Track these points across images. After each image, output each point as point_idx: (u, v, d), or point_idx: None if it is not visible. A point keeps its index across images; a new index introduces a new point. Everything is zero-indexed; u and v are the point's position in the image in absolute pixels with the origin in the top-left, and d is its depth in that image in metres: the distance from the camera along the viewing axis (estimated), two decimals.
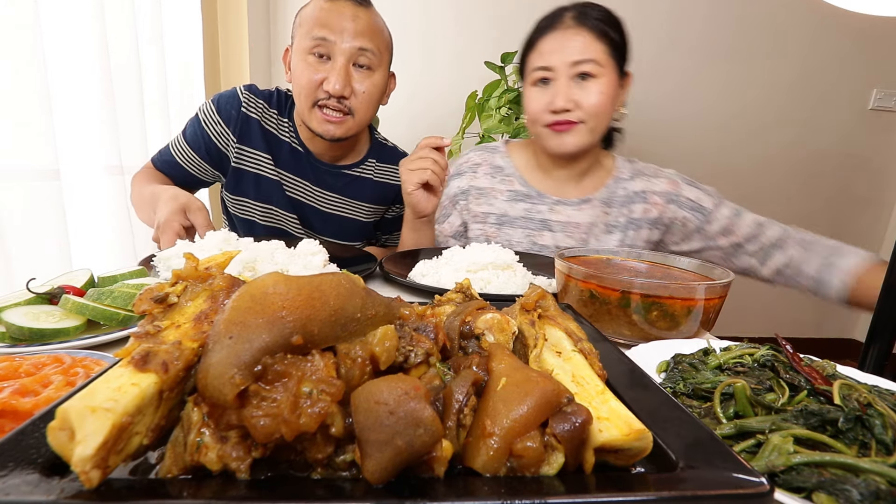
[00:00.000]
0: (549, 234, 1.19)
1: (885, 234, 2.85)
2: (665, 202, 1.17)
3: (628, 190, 1.19)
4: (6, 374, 0.44)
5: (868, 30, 2.50)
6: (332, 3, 1.07)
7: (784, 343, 0.54)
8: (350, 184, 1.28)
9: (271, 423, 0.26)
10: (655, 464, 0.30)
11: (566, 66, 1.05)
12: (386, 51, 1.15)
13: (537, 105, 1.09)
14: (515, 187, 1.22)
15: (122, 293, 0.64)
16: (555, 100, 1.05)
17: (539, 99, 1.09)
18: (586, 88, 1.05)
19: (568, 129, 1.08)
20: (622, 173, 1.22)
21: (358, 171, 1.29)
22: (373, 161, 1.31)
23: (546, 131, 1.10)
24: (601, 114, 1.07)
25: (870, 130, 2.69)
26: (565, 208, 1.19)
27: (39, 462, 0.26)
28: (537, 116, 1.10)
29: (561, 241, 1.19)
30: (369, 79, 1.12)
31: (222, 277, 0.36)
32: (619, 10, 1.05)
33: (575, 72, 1.05)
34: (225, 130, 1.18)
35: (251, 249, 0.82)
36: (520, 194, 1.21)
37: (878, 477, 0.35)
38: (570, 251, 0.81)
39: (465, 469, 0.29)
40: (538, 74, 1.08)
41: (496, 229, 1.21)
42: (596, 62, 1.04)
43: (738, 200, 1.18)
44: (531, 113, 1.11)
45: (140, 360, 0.28)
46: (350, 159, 1.29)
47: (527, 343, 0.40)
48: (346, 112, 1.12)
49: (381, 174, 1.32)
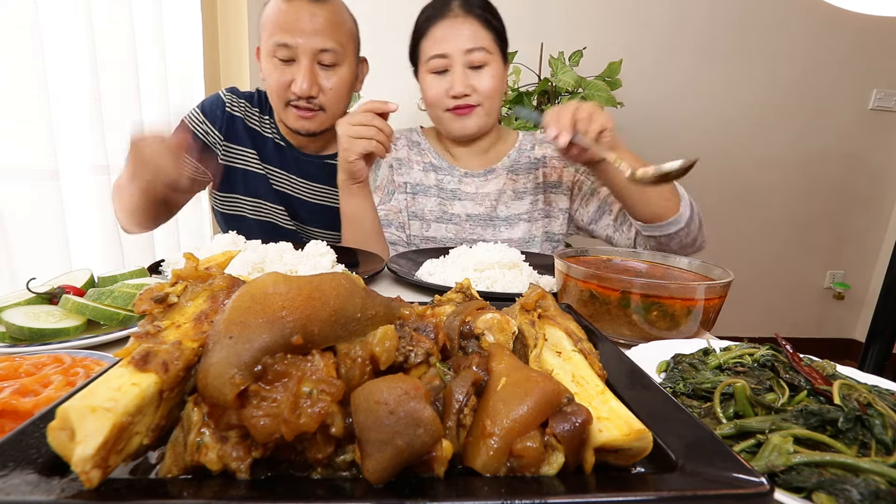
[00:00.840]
0: (458, 203, 1.27)
1: (885, 234, 2.86)
2: (562, 166, 1.26)
3: (531, 158, 1.28)
4: (6, 374, 0.44)
5: (868, 30, 2.50)
6: (289, 4, 1.07)
7: (784, 343, 0.54)
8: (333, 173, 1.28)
9: (271, 423, 0.26)
10: (655, 464, 0.30)
11: (460, 53, 1.12)
12: (350, 41, 1.16)
13: (437, 91, 1.16)
14: (429, 159, 1.31)
15: (122, 293, 0.64)
16: (454, 86, 1.13)
17: (438, 85, 1.16)
18: (480, 74, 1.14)
19: (468, 113, 1.17)
20: (525, 144, 1.31)
21: None
22: None
23: (448, 115, 1.18)
24: (494, 97, 1.17)
25: (870, 130, 2.69)
26: (473, 180, 1.28)
27: (39, 462, 0.26)
28: (438, 101, 1.17)
29: (471, 210, 1.26)
30: (336, 74, 1.14)
31: (222, 277, 0.36)
32: (620, 10, 1.05)
33: (469, 59, 1.12)
34: (212, 130, 1.22)
35: (259, 251, 0.82)
36: (432, 166, 1.30)
37: (877, 477, 0.35)
38: (571, 251, 0.81)
39: (465, 469, 0.29)
40: (435, 63, 1.14)
41: (412, 198, 1.27)
42: (486, 50, 1.12)
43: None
44: (431, 98, 1.18)
45: (140, 360, 0.28)
46: (332, 149, 1.31)
47: (527, 343, 0.40)
48: (316, 109, 1.15)
49: None
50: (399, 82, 2.48)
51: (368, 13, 2.34)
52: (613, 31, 2.39)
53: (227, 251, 0.44)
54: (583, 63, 1.98)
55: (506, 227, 1.25)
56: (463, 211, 1.26)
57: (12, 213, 1.10)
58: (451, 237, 1.25)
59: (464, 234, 1.25)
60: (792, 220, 2.81)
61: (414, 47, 1.21)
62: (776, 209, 2.76)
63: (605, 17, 2.38)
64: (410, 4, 1.20)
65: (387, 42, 2.32)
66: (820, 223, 2.82)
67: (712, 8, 2.44)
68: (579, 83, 1.92)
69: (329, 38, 1.09)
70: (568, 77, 1.90)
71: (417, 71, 1.22)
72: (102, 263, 1.33)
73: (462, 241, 1.24)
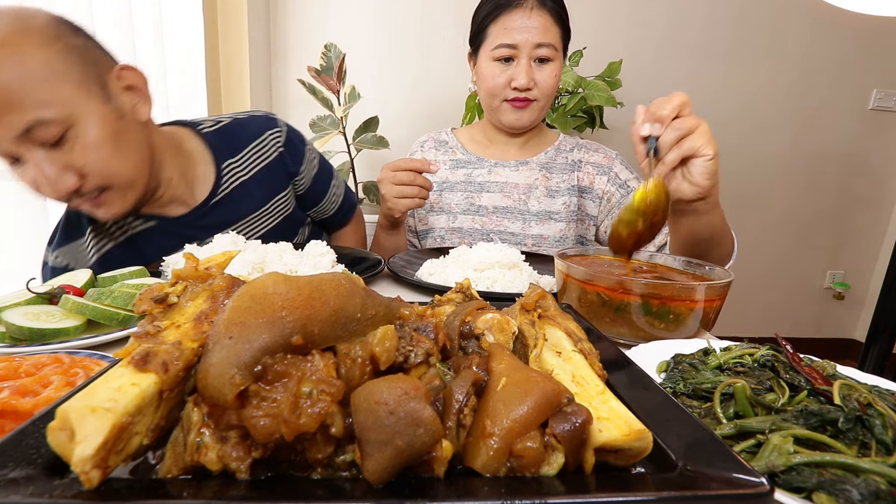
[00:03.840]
0: (486, 195, 1.27)
1: (885, 234, 2.86)
2: (596, 173, 1.25)
3: (568, 159, 1.28)
4: (6, 374, 0.44)
5: (868, 30, 2.50)
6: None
7: (784, 343, 0.54)
8: (221, 207, 1.06)
9: (271, 424, 0.26)
10: (655, 464, 0.30)
11: (530, 46, 1.11)
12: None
13: (500, 80, 1.16)
14: (457, 156, 1.33)
15: (122, 293, 0.64)
16: (518, 77, 1.13)
17: (501, 74, 1.15)
18: (543, 69, 1.15)
19: (525, 107, 1.18)
20: (564, 145, 1.31)
21: (223, 192, 1.07)
22: (231, 163, 1.10)
23: (506, 106, 1.19)
24: (552, 94, 1.19)
25: (870, 130, 2.69)
26: (503, 169, 1.28)
27: (39, 462, 0.26)
28: (497, 90, 1.17)
29: (498, 202, 1.26)
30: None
31: (222, 277, 0.36)
32: (620, 10, 1.05)
33: (536, 54, 1.13)
34: None
35: (259, 251, 0.82)
36: (460, 162, 1.32)
37: (878, 477, 0.35)
38: (571, 250, 0.81)
39: (465, 469, 0.29)
40: (502, 52, 1.14)
41: (437, 195, 1.29)
42: (553, 46, 1.13)
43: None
44: (491, 86, 1.17)
45: (140, 360, 0.28)
46: (207, 190, 1.05)
47: (527, 343, 0.40)
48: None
49: (249, 167, 1.10)
50: (400, 82, 2.47)
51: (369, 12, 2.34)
52: (613, 31, 2.39)
53: (227, 251, 0.44)
54: (583, 63, 1.98)
55: (536, 222, 1.25)
56: (490, 203, 1.26)
57: (11, 213, 1.10)
58: (478, 228, 1.26)
59: (490, 226, 1.26)
60: (792, 220, 2.81)
61: (479, 31, 1.20)
62: (776, 209, 2.76)
63: (605, 17, 2.38)
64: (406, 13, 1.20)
65: (388, 41, 2.33)
66: (820, 223, 2.82)
67: (712, 8, 2.44)
68: (579, 83, 1.92)
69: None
70: (568, 77, 1.90)
71: (476, 54, 1.21)
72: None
73: (489, 232, 1.25)
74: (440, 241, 1.29)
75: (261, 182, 1.06)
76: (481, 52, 1.19)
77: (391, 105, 2.34)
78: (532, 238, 1.24)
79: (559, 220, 1.24)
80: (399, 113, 2.37)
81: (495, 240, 1.24)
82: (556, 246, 1.23)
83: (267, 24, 2.22)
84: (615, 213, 1.19)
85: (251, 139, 1.06)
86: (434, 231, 1.30)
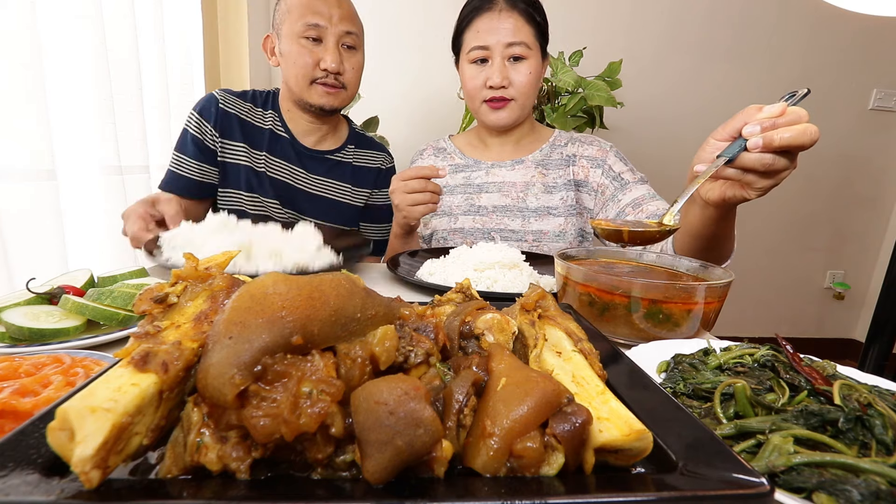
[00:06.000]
0: (485, 195, 1.30)
1: (885, 234, 2.86)
2: (590, 166, 1.26)
3: (563, 154, 1.30)
4: (6, 374, 0.44)
5: (868, 30, 2.50)
6: None
7: (784, 343, 0.54)
8: (332, 168, 1.38)
9: (271, 424, 0.26)
10: (655, 464, 0.30)
11: (501, 46, 1.15)
12: (362, 31, 1.29)
13: (476, 81, 1.20)
14: (455, 161, 1.37)
15: (122, 293, 0.64)
16: (491, 77, 1.16)
17: (477, 76, 1.19)
18: (518, 68, 1.17)
19: (503, 106, 1.21)
20: (559, 140, 1.33)
21: (340, 157, 1.39)
22: (352, 147, 1.41)
23: (484, 107, 1.22)
24: (530, 91, 1.20)
25: (870, 130, 2.69)
26: (500, 170, 1.31)
27: (39, 462, 0.26)
28: (476, 92, 1.21)
29: (497, 201, 1.29)
30: (355, 57, 1.26)
31: (222, 277, 0.36)
32: (619, 10, 1.05)
33: (508, 53, 1.15)
34: (208, 128, 1.27)
35: (246, 232, 0.83)
36: (459, 166, 1.36)
37: (878, 477, 0.35)
38: (571, 251, 0.81)
39: (465, 469, 0.29)
40: (476, 54, 1.18)
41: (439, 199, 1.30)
42: (526, 45, 1.15)
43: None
44: (470, 88, 1.22)
45: (140, 360, 0.28)
46: (331, 145, 1.39)
47: (527, 343, 0.40)
48: (339, 86, 1.24)
49: (359, 159, 1.42)
50: (400, 82, 2.47)
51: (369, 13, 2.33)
52: (613, 31, 2.39)
53: (227, 251, 0.44)
54: (583, 63, 1.98)
55: (535, 218, 1.26)
56: (490, 203, 1.29)
57: (11, 214, 1.10)
58: (479, 228, 1.28)
59: (491, 225, 1.28)
60: (792, 220, 2.80)
61: (457, 37, 1.26)
62: (776, 209, 2.76)
63: (605, 17, 2.38)
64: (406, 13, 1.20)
65: (388, 41, 2.32)
66: (820, 223, 2.82)
67: (712, 7, 2.44)
68: (579, 83, 1.92)
69: (351, 23, 1.22)
70: (568, 77, 1.90)
71: (458, 60, 1.27)
72: (102, 263, 1.33)
73: (490, 231, 1.27)
74: (443, 241, 1.31)
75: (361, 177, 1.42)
76: (461, 57, 1.24)
77: (391, 105, 2.34)
78: (532, 234, 1.26)
79: (558, 215, 1.25)
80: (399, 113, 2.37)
81: (496, 238, 1.25)
82: (556, 240, 1.25)
83: (267, 24, 2.22)
84: (610, 205, 1.21)
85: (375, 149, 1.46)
86: (437, 233, 1.33)
